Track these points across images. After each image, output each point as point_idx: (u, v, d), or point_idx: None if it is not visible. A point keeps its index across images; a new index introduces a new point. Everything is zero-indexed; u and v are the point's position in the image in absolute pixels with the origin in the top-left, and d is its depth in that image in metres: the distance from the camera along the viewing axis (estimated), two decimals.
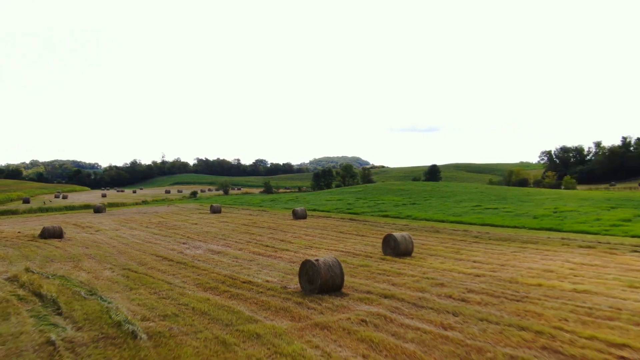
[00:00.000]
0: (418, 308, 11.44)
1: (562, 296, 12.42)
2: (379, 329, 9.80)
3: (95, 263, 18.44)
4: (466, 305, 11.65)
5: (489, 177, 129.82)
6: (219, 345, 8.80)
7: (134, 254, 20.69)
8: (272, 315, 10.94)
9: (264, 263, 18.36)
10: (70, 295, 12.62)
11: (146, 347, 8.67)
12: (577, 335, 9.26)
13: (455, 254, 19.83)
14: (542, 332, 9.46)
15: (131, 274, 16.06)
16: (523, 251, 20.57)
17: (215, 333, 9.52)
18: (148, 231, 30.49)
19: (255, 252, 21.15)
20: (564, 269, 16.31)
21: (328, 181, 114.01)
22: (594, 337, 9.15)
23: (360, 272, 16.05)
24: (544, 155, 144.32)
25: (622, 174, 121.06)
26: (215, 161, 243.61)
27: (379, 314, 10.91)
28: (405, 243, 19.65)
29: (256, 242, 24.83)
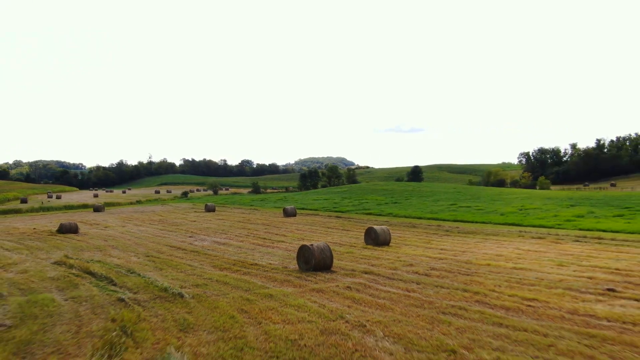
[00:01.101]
0: (390, 280, 14.88)
1: (502, 272, 15.98)
2: (360, 292, 13.20)
3: (120, 252, 21.55)
4: (427, 277, 15.12)
5: (469, 178, 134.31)
6: (244, 301, 12.11)
7: (150, 245, 23.81)
8: (279, 285, 14.27)
9: (264, 251, 21.67)
10: (115, 273, 15.79)
11: (192, 302, 11.95)
12: (503, 294, 12.76)
13: (426, 244, 23.38)
14: (479, 293, 12.94)
15: (155, 259, 19.25)
16: (484, 242, 24.20)
17: (239, 294, 12.83)
18: (153, 227, 33.54)
19: (255, 243, 24.44)
20: (512, 254, 19.94)
21: (314, 181, 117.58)
22: (515, 295, 12.66)
23: (345, 257, 19.46)
24: (522, 157, 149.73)
25: (595, 175, 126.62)
26: (202, 162, 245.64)
27: (360, 283, 14.32)
28: (384, 234, 23.15)
29: (254, 235, 28.10)
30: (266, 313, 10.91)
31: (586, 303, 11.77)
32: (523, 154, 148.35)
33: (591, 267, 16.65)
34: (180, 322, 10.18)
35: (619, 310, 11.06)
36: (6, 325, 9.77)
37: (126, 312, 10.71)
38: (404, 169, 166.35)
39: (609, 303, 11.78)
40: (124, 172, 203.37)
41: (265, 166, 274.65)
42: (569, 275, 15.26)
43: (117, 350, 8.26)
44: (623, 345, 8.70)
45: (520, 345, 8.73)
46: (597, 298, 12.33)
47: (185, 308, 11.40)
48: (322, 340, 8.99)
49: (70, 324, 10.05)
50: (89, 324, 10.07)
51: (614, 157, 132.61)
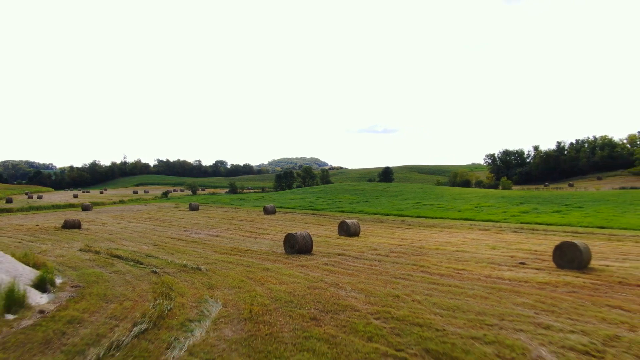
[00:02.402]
0: (358, 259, 19.03)
1: (446, 253, 20.33)
2: (334, 266, 17.30)
3: (130, 242, 25.09)
4: (387, 257, 19.35)
5: (437, 178, 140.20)
6: (247, 272, 16.04)
7: (152, 238, 27.36)
8: (272, 262, 18.24)
9: (253, 241, 25.55)
10: (137, 256, 19.46)
11: (208, 273, 15.82)
12: (441, 267, 17.05)
13: (390, 235, 27.69)
14: (424, 266, 17.20)
15: (163, 247, 22.91)
16: (439, 233, 28.66)
17: (242, 268, 16.74)
18: (147, 224, 36.93)
19: (244, 235, 28.28)
20: (459, 241, 24.40)
21: (289, 182, 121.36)
22: (450, 267, 16.97)
23: (322, 245, 23.54)
24: (488, 158, 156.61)
25: (555, 175, 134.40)
26: (176, 162, 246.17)
27: (334, 261, 18.43)
28: (354, 227, 27.35)
29: (242, 229, 31.92)
30: (266, 279, 14.88)
31: (499, 271, 16.17)
32: (489, 156, 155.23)
33: (516, 249, 21.21)
34: (205, 284, 14.08)
35: (520, 275, 15.47)
36: (80, 285, 13.48)
37: (164, 278, 14.56)
38: (376, 169, 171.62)
39: (516, 271, 16.21)
40: (98, 172, 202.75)
41: (239, 167, 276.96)
42: (496, 255, 19.74)
43: (170, 297, 12.11)
44: (511, 292, 13.00)
45: (442, 292, 12.96)
46: (510, 268, 16.76)
47: (205, 277, 15.27)
48: (308, 292, 13.02)
49: (125, 285, 13.82)
50: (139, 285, 13.86)
51: (572, 159, 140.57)
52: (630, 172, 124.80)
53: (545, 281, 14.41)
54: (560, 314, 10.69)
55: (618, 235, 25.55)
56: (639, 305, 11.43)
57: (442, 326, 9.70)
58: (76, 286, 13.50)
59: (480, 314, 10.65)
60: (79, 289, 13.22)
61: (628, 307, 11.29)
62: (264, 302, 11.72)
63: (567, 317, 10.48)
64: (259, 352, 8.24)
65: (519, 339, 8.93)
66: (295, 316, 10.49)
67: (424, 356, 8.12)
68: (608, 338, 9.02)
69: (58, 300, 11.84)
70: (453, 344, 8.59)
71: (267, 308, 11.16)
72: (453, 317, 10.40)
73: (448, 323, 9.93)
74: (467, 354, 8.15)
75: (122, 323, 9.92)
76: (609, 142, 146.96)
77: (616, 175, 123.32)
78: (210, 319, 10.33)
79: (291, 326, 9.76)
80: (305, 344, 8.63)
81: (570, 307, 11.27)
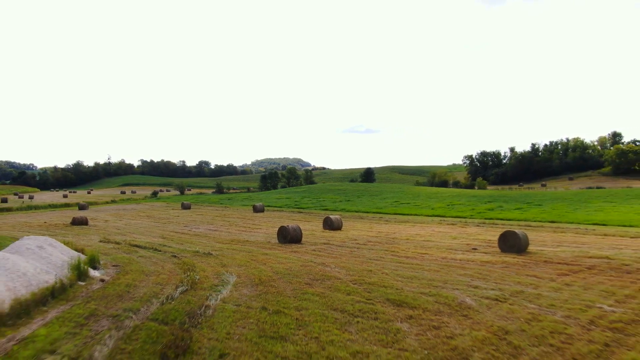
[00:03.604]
0: (340, 247, 22.75)
1: (415, 242, 24.19)
2: (321, 252, 20.99)
3: (140, 235, 28.42)
4: (364, 245, 23.11)
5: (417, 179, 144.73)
6: (250, 256, 19.62)
7: (157, 232, 30.70)
8: (268, 249, 21.85)
9: (249, 234, 29.10)
10: (153, 245, 22.88)
11: (218, 256, 19.37)
12: (409, 252, 20.85)
13: (368, 229, 31.50)
14: (394, 251, 20.99)
15: (172, 239, 26.31)
16: (412, 227, 32.56)
17: (245, 254, 20.33)
18: (147, 221, 40.15)
19: (240, 230, 31.81)
20: (427, 233, 28.31)
21: (274, 182, 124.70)
22: (416, 252, 20.78)
23: (309, 236, 27.20)
24: (466, 159, 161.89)
25: (529, 176, 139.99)
26: (160, 162, 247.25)
27: (321, 248, 22.13)
28: (337, 222, 31.11)
29: (236, 225, 35.42)
30: (266, 260, 18.49)
31: (454, 255, 20.04)
32: (467, 157, 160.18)
33: (473, 239, 25.18)
34: (219, 263, 17.65)
35: (469, 257, 19.36)
36: (119, 265, 16.93)
37: (184, 259, 18.10)
38: (358, 170, 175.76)
39: (468, 254, 20.10)
40: (82, 172, 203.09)
41: (223, 167, 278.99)
42: (455, 243, 23.67)
43: (195, 271, 15.66)
44: (458, 268, 16.82)
45: (405, 268, 16.73)
46: (463, 253, 20.65)
47: (217, 259, 18.83)
48: (301, 268, 16.66)
49: (155, 265, 17.31)
50: (166, 265, 17.35)
51: (546, 160, 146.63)
52: (600, 172, 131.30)
53: (487, 260, 18.33)
54: (489, 280, 14.54)
55: (563, 228, 29.78)
56: (549, 275, 15.35)
57: (401, 287, 13.45)
58: (116, 265, 16.97)
59: (430, 280, 14.43)
60: (119, 267, 16.69)
61: (540, 275, 15.22)
62: (268, 275, 15.34)
63: (493, 281, 14.33)
64: (270, 301, 11.87)
65: (453, 293, 12.71)
66: (293, 282, 14.14)
67: (386, 303, 11.81)
68: (515, 292, 12.85)
69: (109, 274, 15.31)
70: (406, 296, 12.33)
71: (272, 278, 14.79)
72: (410, 282, 14.16)
73: (405, 285, 13.69)
74: (414, 300, 11.90)
75: (166, 287, 13.46)
76: (580, 144, 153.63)
77: (587, 176, 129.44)
78: (230, 284, 13.93)
79: (291, 288, 13.41)
80: (302, 297, 12.29)
81: (498, 276, 15.15)
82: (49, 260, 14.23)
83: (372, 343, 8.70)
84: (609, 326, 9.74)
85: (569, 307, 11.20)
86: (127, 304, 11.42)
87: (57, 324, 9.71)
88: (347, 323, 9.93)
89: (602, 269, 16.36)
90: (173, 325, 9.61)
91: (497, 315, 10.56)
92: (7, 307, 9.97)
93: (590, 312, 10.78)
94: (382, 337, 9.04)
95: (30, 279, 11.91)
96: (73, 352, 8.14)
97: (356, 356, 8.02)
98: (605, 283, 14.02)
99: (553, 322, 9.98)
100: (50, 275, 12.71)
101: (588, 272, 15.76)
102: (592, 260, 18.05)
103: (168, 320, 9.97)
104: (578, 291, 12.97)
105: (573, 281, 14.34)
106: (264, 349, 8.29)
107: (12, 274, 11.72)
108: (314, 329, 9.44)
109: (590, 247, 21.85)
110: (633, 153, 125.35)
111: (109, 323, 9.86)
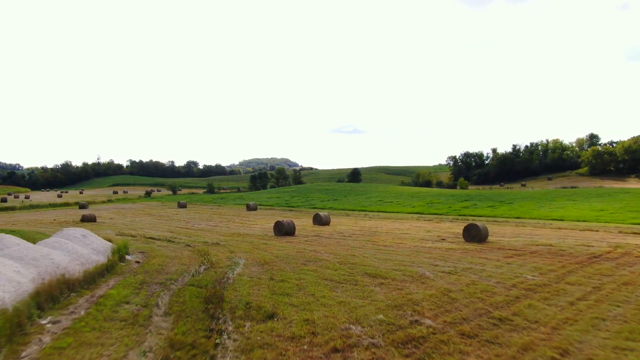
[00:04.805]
0: (328, 238, 26.33)
1: (393, 234, 27.85)
2: (312, 242, 24.54)
3: (149, 230, 31.67)
4: (349, 237, 26.73)
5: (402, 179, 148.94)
6: (252, 245, 23.10)
7: (164, 227, 33.96)
8: (267, 240, 25.33)
9: (247, 229, 32.54)
10: (165, 237, 26.22)
11: (225, 245, 22.82)
12: (387, 241, 24.48)
13: (353, 224, 35.15)
14: (375, 241, 24.62)
15: (179, 233, 29.63)
16: (393, 222, 36.28)
17: (247, 244, 23.79)
18: (150, 218, 43.33)
19: (238, 225, 35.22)
20: (405, 227, 32.02)
21: (264, 182, 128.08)
22: (393, 242, 24.42)
23: (301, 230, 30.74)
24: (450, 160, 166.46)
25: (510, 176, 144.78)
26: (149, 163, 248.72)
27: (312, 238, 25.69)
28: (326, 218, 34.72)
29: (233, 221, 38.82)
30: (266, 248, 21.99)
31: (425, 244, 23.73)
32: (451, 158, 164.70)
33: (444, 232, 28.93)
34: (228, 250, 21.11)
35: (437, 245, 23.05)
36: (144, 252, 20.32)
37: (198, 248, 21.54)
38: (345, 170, 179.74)
39: (436, 244, 23.80)
40: (72, 173, 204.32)
41: (212, 167, 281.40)
42: (428, 235, 27.39)
43: (210, 256, 19.09)
44: (425, 253, 20.47)
45: (382, 253, 20.34)
46: (433, 242, 24.35)
47: (224, 247, 22.29)
48: (297, 254, 20.16)
49: (174, 252, 20.71)
50: (183, 252, 20.76)
51: (527, 161, 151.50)
52: (577, 173, 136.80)
53: (450, 247, 22.07)
54: (448, 261, 18.22)
55: (525, 222, 33.74)
56: (497, 257, 19.06)
57: (377, 266, 17.05)
58: (142, 252, 20.36)
59: (401, 262, 18.06)
60: (145, 253, 20.09)
61: (490, 257, 18.94)
62: (270, 258, 18.85)
63: (451, 262, 18.00)
64: (275, 274, 15.38)
65: (417, 270, 16.33)
66: (291, 263, 17.68)
67: (364, 275, 15.37)
68: (465, 268, 16.53)
69: (140, 258, 18.72)
70: (380, 271, 15.91)
71: (273, 260, 18.31)
72: (385, 263, 17.77)
73: (381, 265, 17.29)
74: (386, 274, 15.48)
75: (191, 266, 16.91)
76: (559, 146, 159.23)
77: (564, 176, 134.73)
78: (241, 264, 17.42)
79: (290, 266, 16.94)
80: (300, 271, 15.83)
81: (456, 258, 18.84)
82: (93, 247, 17.60)
83: (352, 297, 12.27)
84: (525, 287, 13.45)
85: (501, 277, 14.91)
86: (166, 276, 14.89)
87: (121, 288, 13.15)
88: (334, 287, 13.50)
89: (541, 253, 20.16)
90: (207, 288, 13.09)
91: (446, 282, 14.21)
92: (80, 276, 13.36)
93: (516, 280, 14.49)
94: (359, 294, 12.63)
95: (87, 259, 15.31)
96: (142, 302, 11.61)
97: (341, 303, 11.58)
98: (538, 262, 17.79)
99: (485, 285, 13.66)
100: (100, 256, 16.12)
101: (529, 256, 19.53)
102: (537, 247, 21.87)
103: (202, 285, 13.47)
104: (514, 268, 16.71)
105: (514, 261, 18.09)
106: (276, 300, 11.82)
107: (74, 254, 15.10)
108: (310, 290, 13.00)
109: (541, 237, 25.72)
110: (608, 154, 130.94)
111: (159, 287, 13.33)
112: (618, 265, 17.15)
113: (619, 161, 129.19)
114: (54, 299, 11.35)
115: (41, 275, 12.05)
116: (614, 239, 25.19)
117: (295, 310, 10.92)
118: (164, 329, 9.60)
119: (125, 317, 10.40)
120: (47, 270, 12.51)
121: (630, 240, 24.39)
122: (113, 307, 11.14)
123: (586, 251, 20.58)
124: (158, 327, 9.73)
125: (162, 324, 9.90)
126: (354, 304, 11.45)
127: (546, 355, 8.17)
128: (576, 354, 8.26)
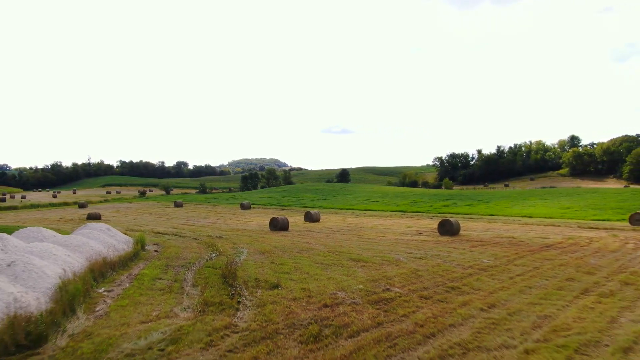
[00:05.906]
0: (319, 232, 29.43)
1: (377, 229, 31.02)
2: (304, 235, 27.61)
3: (154, 226, 34.48)
4: (338, 231, 29.83)
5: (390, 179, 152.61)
6: (252, 238, 26.10)
7: (167, 224, 36.76)
8: (264, 235, 28.35)
9: (244, 225, 35.50)
10: (172, 233, 29.10)
11: (227, 238, 25.80)
12: (371, 235, 27.63)
13: (341, 221, 38.31)
14: (360, 235, 27.76)
15: (183, 229, 32.50)
16: (377, 219, 39.48)
17: (247, 237, 26.77)
18: (151, 216, 46.05)
19: (235, 222, 38.17)
20: (388, 223, 35.24)
21: (255, 182, 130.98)
22: (377, 235, 27.58)
23: (294, 226, 33.78)
24: (436, 161, 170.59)
25: (495, 176, 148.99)
26: (140, 163, 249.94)
27: (304, 233, 28.77)
28: (316, 215, 37.85)
29: (230, 219, 41.74)
30: (264, 241, 25.01)
31: (404, 237, 26.92)
32: (437, 158, 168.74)
33: (423, 227, 32.18)
34: (231, 242, 24.10)
35: (414, 238, 26.26)
36: (159, 244, 23.23)
37: (205, 240, 24.51)
38: (334, 170, 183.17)
39: (414, 237, 27.01)
40: (63, 173, 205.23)
41: (202, 168, 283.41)
42: (407, 229, 30.61)
43: (216, 246, 22.07)
44: (403, 244, 23.64)
45: (366, 244, 23.45)
46: (411, 235, 27.56)
47: (228, 240, 25.27)
48: (291, 245, 23.21)
49: (185, 244, 23.64)
50: (192, 244, 23.67)
51: (510, 162, 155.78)
52: (559, 173, 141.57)
53: (425, 239, 25.30)
54: (421, 249, 21.40)
55: (497, 219, 37.16)
56: (463, 247, 22.30)
57: (361, 253, 20.16)
58: (156, 244, 23.30)
59: (381, 251, 21.19)
60: (159, 245, 23.04)
61: (457, 247, 22.16)
62: (269, 248, 21.89)
63: (424, 250, 21.18)
64: (275, 259, 18.41)
65: (393, 256, 19.47)
66: (288, 251, 20.74)
67: (349, 260, 18.44)
68: (433, 255, 19.70)
69: (156, 248, 21.66)
70: (363, 257, 19.01)
71: (272, 250, 21.35)
72: (367, 251, 20.89)
73: (364, 253, 20.41)
74: (368, 259, 18.58)
75: (203, 254, 19.90)
76: (542, 147, 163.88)
77: (546, 177, 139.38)
78: (245, 253, 20.45)
79: (287, 254, 20.00)
80: (295, 257, 18.89)
81: (428, 248, 22.04)
82: (117, 238, 20.49)
83: (339, 275, 15.37)
84: (479, 268, 16.65)
85: (462, 261, 18.12)
86: (184, 261, 17.90)
87: (151, 269, 16.13)
88: (325, 268, 16.60)
89: (502, 243, 23.45)
90: (221, 268, 16.10)
91: (416, 265, 17.38)
92: (116, 259, 16.31)
93: (473, 262, 17.71)
94: (345, 272, 15.73)
95: (116, 247, 18.24)
96: (172, 278, 14.62)
97: (330, 279, 14.66)
98: (496, 251, 21.05)
99: (447, 267, 16.85)
100: (126, 245, 19.07)
101: (491, 245, 22.80)
102: (500, 239, 25.17)
103: (216, 267, 16.50)
104: (475, 254, 19.94)
105: (477, 250, 21.34)
106: (278, 276, 14.88)
107: (105, 243, 18.02)
108: (305, 270, 16.08)
109: (507, 231, 29.08)
110: (588, 155, 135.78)
111: (182, 268, 16.34)
112: (562, 252, 20.47)
113: (598, 162, 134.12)
114: (103, 275, 14.32)
115: (88, 258, 14.99)
116: (570, 232, 28.63)
117: (294, 283, 14.00)
118: (195, 295, 12.63)
119: (162, 287, 13.41)
120: (92, 254, 15.44)
121: (584, 234, 27.82)
122: (150, 281, 14.15)
123: (541, 242, 23.92)
124: (190, 293, 12.76)
125: (192, 292, 12.94)
126: (340, 279, 14.55)
127: (477, 307, 11.35)
128: (500, 307, 11.44)
